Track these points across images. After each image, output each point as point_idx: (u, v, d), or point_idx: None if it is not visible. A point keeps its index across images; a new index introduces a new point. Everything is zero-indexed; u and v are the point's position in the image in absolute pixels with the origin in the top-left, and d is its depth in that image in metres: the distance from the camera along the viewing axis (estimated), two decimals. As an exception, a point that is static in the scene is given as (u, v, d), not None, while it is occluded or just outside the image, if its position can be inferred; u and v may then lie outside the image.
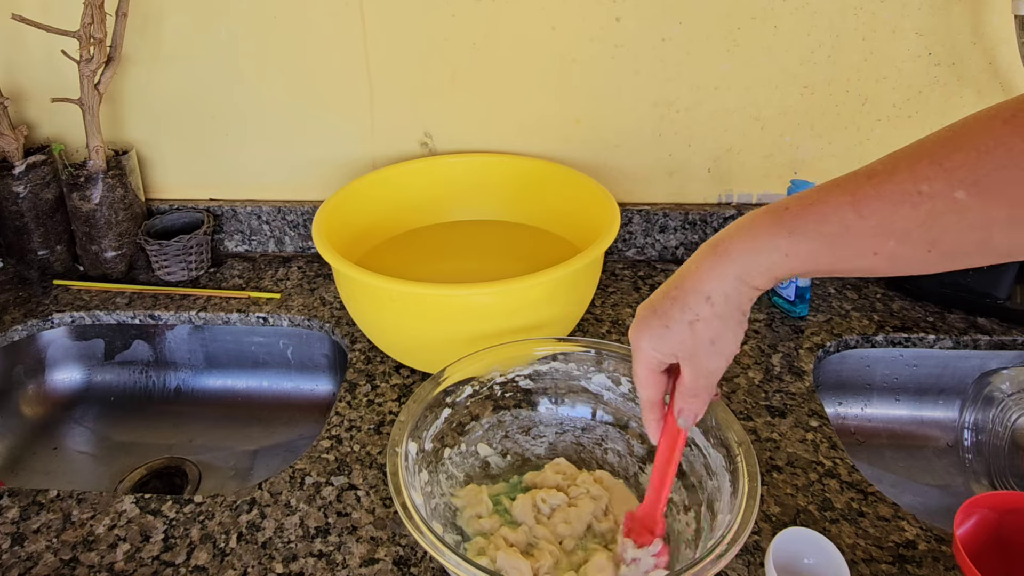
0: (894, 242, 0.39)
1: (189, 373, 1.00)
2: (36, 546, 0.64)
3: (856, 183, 0.40)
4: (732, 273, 0.45)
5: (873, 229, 0.39)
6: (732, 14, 0.90)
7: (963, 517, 0.57)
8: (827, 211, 0.41)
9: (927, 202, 0.38)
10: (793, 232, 0.42)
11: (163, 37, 0.97)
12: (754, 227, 0.44)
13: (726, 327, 0.46)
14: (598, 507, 0.63)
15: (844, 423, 0.91)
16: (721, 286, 0.45)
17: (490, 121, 1.00)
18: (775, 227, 0.43)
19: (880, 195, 0.39)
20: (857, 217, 0.40)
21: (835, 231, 0.41)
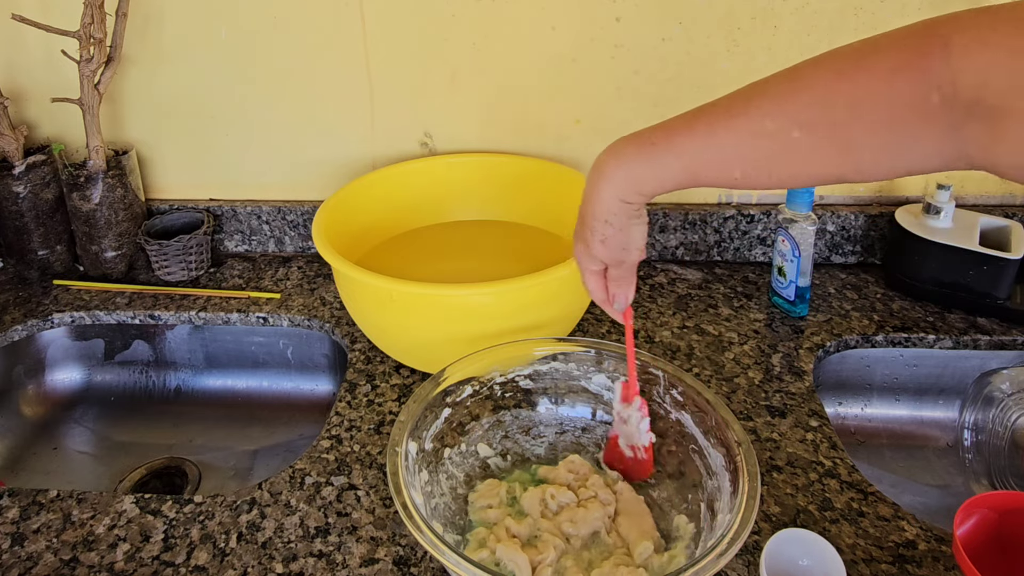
0: (739, 173, 0.47)
1: (189, 373, 1.00)
2: (36, 546, 0.64)
3: (716, 116, 0.47)
4: (612, 194, 0.53)
5: (726, 159, 0.47)
6: (732, 14, 0.90)
7: (963, 517, 0.57)
8: (687, 144, 0.49)
9: (769, 138, 0.45)
10: (657, 159, 0.50)
11: (163, 37, 0.97)
12: (626, 155, 0.52)
13: (629, 232, 0.56)
14: (606, 513, 0.62)
15: (844, 423, 0.91)
16: (610, 207, 0.54)
17: (490, 121, 1.00)
18: (643, 157, 0.51)
19: (731, 128, 0.46)
20: (709, 147, 0.48)
21: (691, 159, 0.49)
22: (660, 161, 0.50)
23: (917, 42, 0.41)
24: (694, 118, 0.49)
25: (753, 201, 1.02)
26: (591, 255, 0.58)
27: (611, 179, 0.53)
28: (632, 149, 0.52)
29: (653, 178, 0.51)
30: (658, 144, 0.50)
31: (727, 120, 0.47)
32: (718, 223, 1.01)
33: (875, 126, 0.41)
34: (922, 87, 0.40)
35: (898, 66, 0.41)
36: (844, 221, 0.99)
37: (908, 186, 0.99)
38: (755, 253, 1.03)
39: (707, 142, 0.48)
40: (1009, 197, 0.99)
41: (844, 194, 1.00)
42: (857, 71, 0.42)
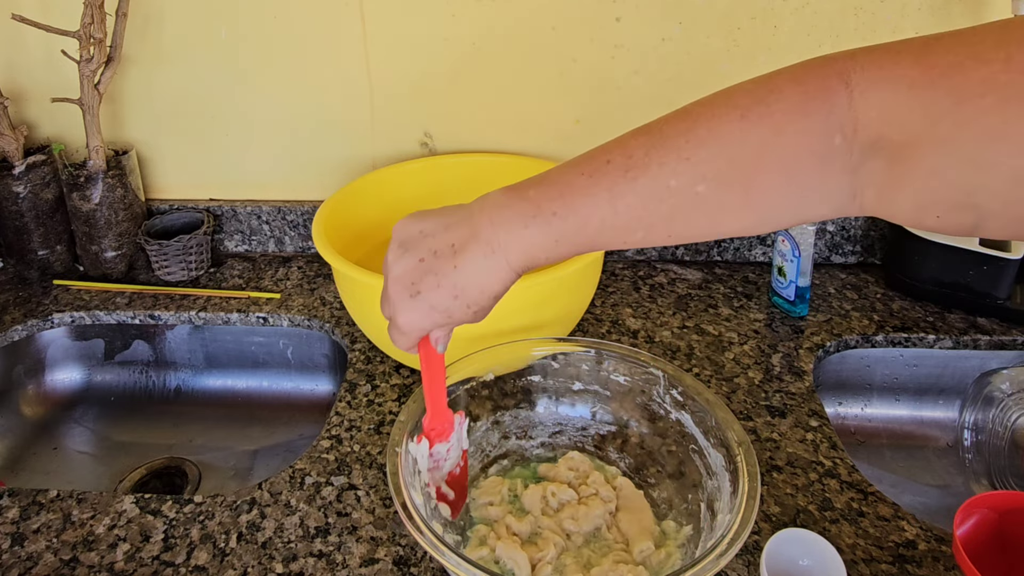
0: (642, 234, 0.43)
1: (189, 373, 1.00)
2: (36, 546, 0.64)
3: (614, 178, 0.43)
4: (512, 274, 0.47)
5: (626, 224, 0.43)
6: (732, 14, 0.90)
7: (963, 517, 0.57)
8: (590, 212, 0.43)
9: (673, 197, 0.41)
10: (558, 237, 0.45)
11: (163, 37, 0.97)
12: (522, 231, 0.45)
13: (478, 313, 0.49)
14: (607, 509, 0.63)
15: (844, 423, 0.91)
16: (505, 285, 0.48)
17: (490, 121, 1.00)
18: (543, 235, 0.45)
19: (635, 191, 0.42)
20: (613, 215, 0.43)
21: (594, 231, 0.44)
22: (562, 234, 0.45)
23: (818, 81, 0.38)
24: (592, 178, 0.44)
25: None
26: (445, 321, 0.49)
27: (510, 258, 0.46)
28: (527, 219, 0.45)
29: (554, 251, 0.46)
30: (559, 215, 0.44)
31: (628, 181, 0.42)
32: (718, 223, 1.01)
33: (779, 173, 0.39)
34: (825, 127, 0.38)
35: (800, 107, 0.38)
36: (844, 221, 0.99)
37: (908, 186, 0.99)
38: (755, 253, 1.03)
39: (612, 208, 0.43)
40: (1009, 197, 0.99)
41: (844, 194, 1.00)
42: (759, 114, 0.39)
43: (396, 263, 0.49)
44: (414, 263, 0.48)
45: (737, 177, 0.40)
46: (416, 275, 0.48)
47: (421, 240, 0.49)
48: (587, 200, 0.44)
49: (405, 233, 0.50)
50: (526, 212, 0.45)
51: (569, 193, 0.44)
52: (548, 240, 0.45)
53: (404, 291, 0.48)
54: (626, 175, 0.42)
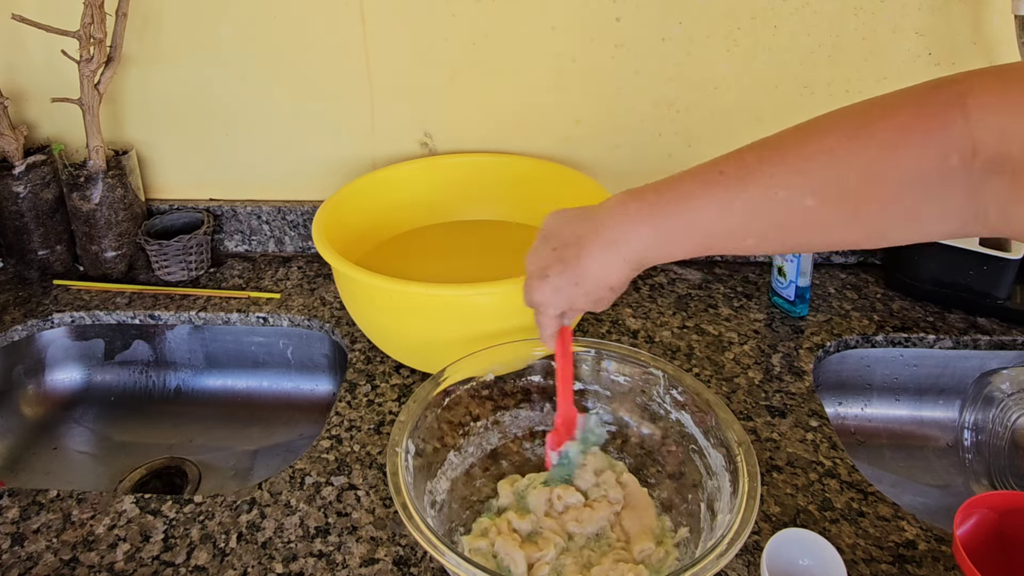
0: (753, 241, 0.46)
1: (189, 373, 1.00)
2: (36, 546, 0.64)
3: (726, 185, 0.46)
4: (627, 267, 0.52)
5: (738, 229, 0.46)
6: (732, 14, 0.90)
7: (963, 517, 0.57)
8: (701, 215, 0.47)
9: (782, 208, 0.44)
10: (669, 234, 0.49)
11: (163, 37, 0.97)
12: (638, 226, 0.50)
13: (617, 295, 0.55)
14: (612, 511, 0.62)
15: (844, 423, 0.91)
16: (620, 277, 0.53)
17: (490, 121, 1.00)
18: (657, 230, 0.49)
19: (744, 199, 0.45)
20: (722, 220, 0.46)
21: (704, 233, 0.47)
22: (674, 234, 0.49)
23: (932, 101, 0.40)
24: (705, 185, 0.47)
25: (753, 201, 1.02)
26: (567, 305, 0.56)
27: (625, 251, 0.51)
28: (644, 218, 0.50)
29: (664, 250, 0.50)
30: (671, 215, 0.48)
31: (740, 190, 0.45)
32: (718, 223, 1.01)
33: (890, 191, 0.41)
34: (941, 148, 0.39)
35: (914, 127, 0.40)
36: (844, 221, 0.99)
37: (908, 186, 0.99)
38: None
39: (721, 213, 0.46)
40: (1009, 197, 0.99)
41: (844, 194, 1.00)
42: (871, 133, 0.41)
43: (536, 251, 0.57)
44: (548, 251, 0.55)
45: (847, 193, 0.42)
46: (548, 261, 0.55)
47: (557, 232, 0.56)
48: (698, 203, 0.47)
49: (547, 226, 0.57)
50: (642, 211, 0.50)
51: (683, 197, 0.48)
52: (660, 239, 0.49)
53: (537, 273, 0.56)
54: (737, 183, 0.45)
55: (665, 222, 0.49)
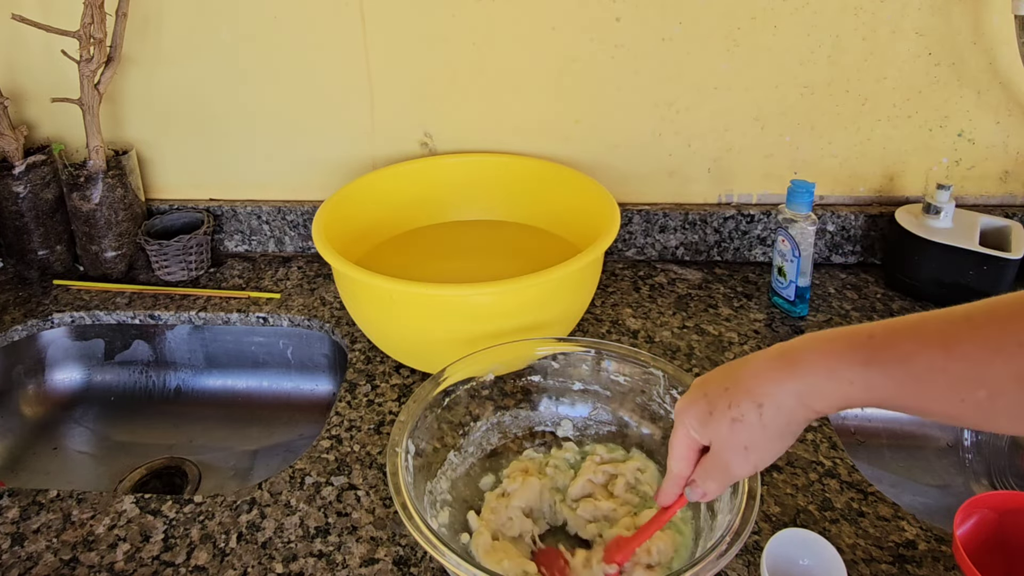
0: (985, 393, 0.36)
1: (189, 373, 1.00)
2: (36, 546, 0.64)
3: (951, 322, 0.38)
4: (794, 389, 0.42)
5: (963, 375, 0.37)
6: (732, 14, 0.90)
7: (963, 517, 0.57)
8: (913, 349, 0.38)
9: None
10: (871, 364, 0.39)
11: (163, 37, 0.97)
12: (831, 348, 0.41)
13: (767, 439, 0.44)
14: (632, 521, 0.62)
15: (844, 423, 0.91)
16: (777, 398, 0.43)
17: (490, 121, 1.00)
18: (853, 353, 0.40)
19: (976, 338, 0.37)
20: (946, 360, 0.37)
21: (919, 371, 0.38)
22: (874, 369, 0.39)
23: None
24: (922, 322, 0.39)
25: (753, 201, 1.02)
26: (706, 424, 0.46)
27: (802, 371, 0.41)
28: (841, 345, 0.41)
29: (859, 387, 0.40)
30: (878, 344, 0.39)
31: (968, 328, 0.37)
32: (718, 223, 1.01)
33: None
34: None
35: None
36: (844, 221, 0.99)
37: (908, 186, 0.99)
38: (755, 253, 1.03)
39: (944, 352, 0.37)
40: (1009, 197, 0.99)
41: (844, 194, 1.00)
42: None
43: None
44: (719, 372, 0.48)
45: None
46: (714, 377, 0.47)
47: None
48: (913, 334, 0.39)
49: None
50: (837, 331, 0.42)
51: (893, 326, 0.40)
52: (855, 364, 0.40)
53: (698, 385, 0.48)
54: (968, 322, 0.38)
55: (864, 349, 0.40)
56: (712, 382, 0.46)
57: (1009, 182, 0.98)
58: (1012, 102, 0.92)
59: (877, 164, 0.98)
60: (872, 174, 0.99)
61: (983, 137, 0.95)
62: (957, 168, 0.97)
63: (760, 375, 0.43)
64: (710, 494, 0.49)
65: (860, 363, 0.39)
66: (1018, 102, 0.92)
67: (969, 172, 0.98)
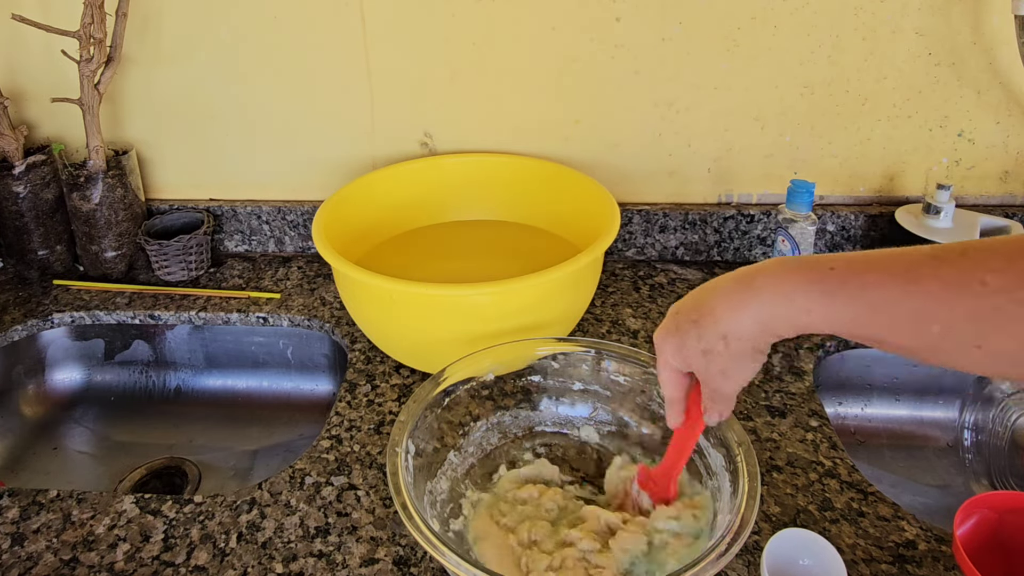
0: (939, 328, 0.37)
1: (189, 373, 1.00)
2: (36, 546, 0.64)
3: (916, 259, 0.38)
4: (755, 318, 0.43)
5: (919, 310, 0.37)
6: (732, 14, 0.90)
7: (963, 517, 0.57)
8: (873, 280, 0.39)
9: (987, 295, 0.35)
10: (829, 293, 0.40)
11: (163, 37, 0.97)
12: (791, 275, 0.42)
13: (738, 363, 0.46)
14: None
15: (844, 423, 0.91)
16: (740, 327, 0.44)
17: (490, 121, 1.00)
18: (813, 283, 0.41)
19: (938, 276, 0.37)
20: (905, 293, 0.38)
21: (877, 302, 0.39)
22: (834, 298, 0.40)
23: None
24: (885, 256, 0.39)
25: (753, 201, 1.02)
26: (681, 354, 0.48)
27: (762, 299, 0.43)
28: (802, 274, 0.41)
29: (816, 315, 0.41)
30: (840, 276, 0.40)
31: (932, 265, 0.37)
32: (718, 223, 1.01)
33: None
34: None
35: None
36: (844, 221, 0.99)
37: (908, 186, 0.99)
38: (755, 253, 1.03)
39: (903, 286, 0.38)
40: (1009, 197, 0.99)
41: (844, 194, 1.00)
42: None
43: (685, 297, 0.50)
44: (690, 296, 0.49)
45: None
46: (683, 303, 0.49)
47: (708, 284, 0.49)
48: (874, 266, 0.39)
49: None
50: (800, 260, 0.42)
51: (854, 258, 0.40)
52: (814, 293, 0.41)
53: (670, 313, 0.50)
54: (931, 259, 0.38)
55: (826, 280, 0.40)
56: (683, 312, 0.48)
57: (1009, 182, 0.98)
58: (1012, 102, 0.92)
59: (877, 164, 0.98)
60: (872, 174, 0.99)
61: (983, 137, 0.95)
62: (957, 168, 0.97)
63: (723, 306, 0.45)
64: (724, 414, 0.51)
65: (819, 292, 0.41)
66: (1018, 102, 0.92)
67: (969, 172, 0.98)
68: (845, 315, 0.40)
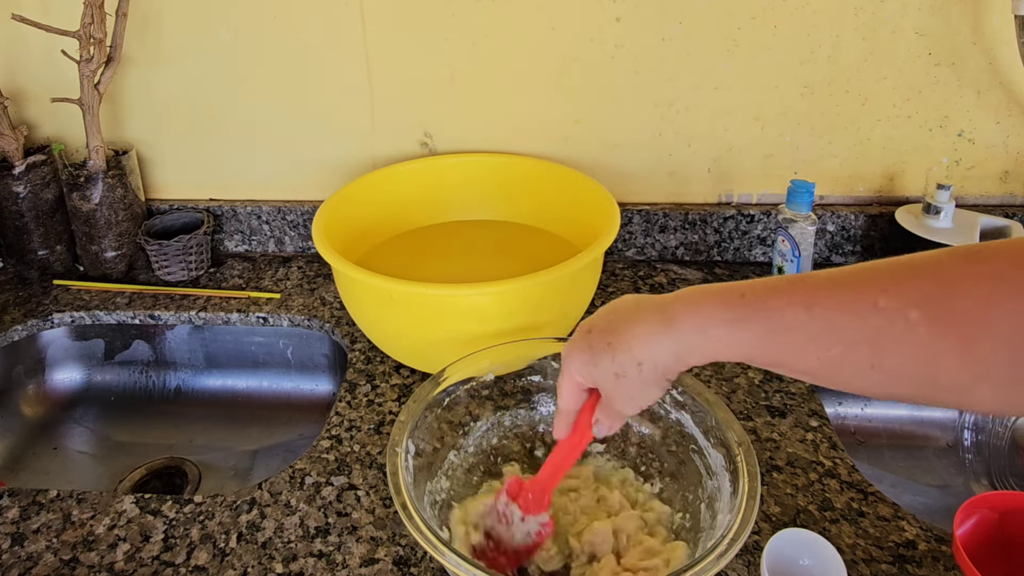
0: (839, 351, 0.39)
1: (189, 373, 1.00)
2: (36, 546, 0.64)
3: (815, 284, 0.40)
4: (671, 349, 0.45)
5: (820, 333, 0.39)
6: (732, 14, 0.90)
7: (963, 517, 0.57)
8: (778, 307, 0.41)
9: (880, 316, 0.37)
10: (738, 323, 0.42)
11: (163, 37, 0.97)
12: (705, 304, 0.44)
13: (646, 389, 0.48)
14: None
15: (844, 423, 0.91)
16: (654, 357, 0.45)
17: (490, 121, 1.00)
18: (724, 312, 0.43)
19: (835, 299, 0.39)
20: (808, 318, 0.39)
21: (781, 329, 0.40)
22: (743, 326, 0.42)
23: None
24: (790, 283, 0.41)
25: (753, 201, 1.02)
26: (592, 374, 0.49)
27: (678, 331, 0.44)
28: (714, 304, 0.43)
29: (727, 344, 0.42)
30: (748, 303, 0.42)
31: (830, 289, 0.39)
32: (718, 223, 1.01)
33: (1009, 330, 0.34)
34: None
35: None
36: (844, 221, 0.99)
37: (908, 186, 0.99)
38: (755, 253, 1.03)
39: (806, 310, 0.39)
40: (1009, 197, 0.99)
41: (844, 194, 1.00)
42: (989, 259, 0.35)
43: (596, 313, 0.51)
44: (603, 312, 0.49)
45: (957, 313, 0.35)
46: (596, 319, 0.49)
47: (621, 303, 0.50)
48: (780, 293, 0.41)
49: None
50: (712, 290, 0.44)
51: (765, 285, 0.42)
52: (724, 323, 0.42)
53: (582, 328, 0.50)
54: (829, 282, 0.40)
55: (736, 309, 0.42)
56: (596, 331, 0.49)
57: (1009, 182, 0.98)
58: (1012, 102, 0.92)
59: (877, 164, 0.98)
60: (872, 174, 0.99)
61: (983, 137, 0.95)
62: (957, 168, 0.97)
63: (640, 334, 0.46)
64: (614, 429, 0.53)
65: (728, 322, 0.42)
66: (1018, 102, 0.92)
67: (969, 172, 0.98)
68: (751, 341, 0.42)
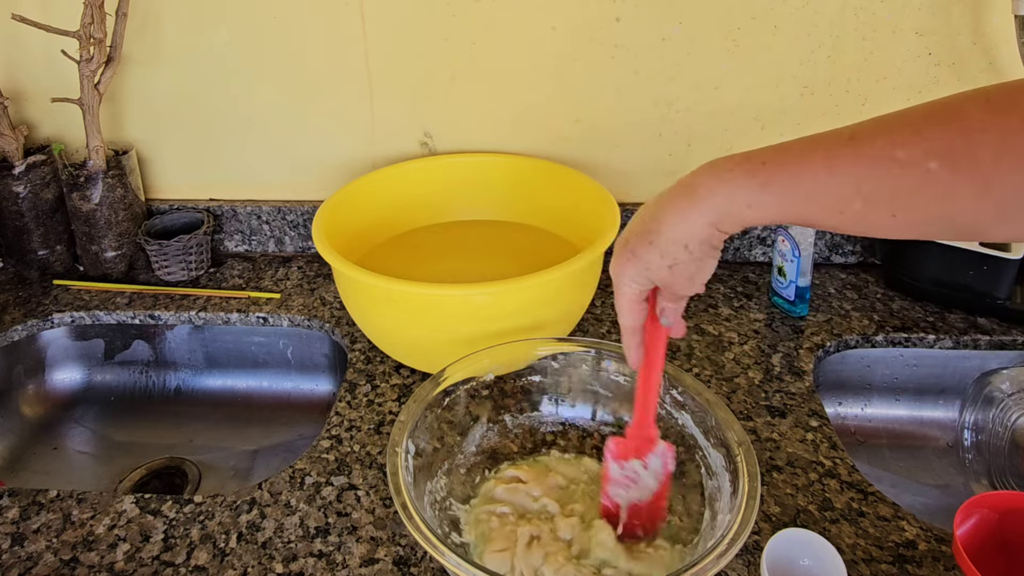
0: (860, 203, 0.41)
1: (189, 373, 1.00)
2: (36, 546, 0.64)
3: (836, 142, 0.42)
4: (704, 220, 0.46)
5: (843, 189, 0.41)
6: (732, 14, 0.90)
7: (963, 517, 0.57)
8: (801, 170, 0.42)
9: (899, 168, 0.39)
10: (766, 186, 0.43)
11: (163, 37, 0.97)
12: (729, 175, 0.45)
13: (702, 264, 0.49)
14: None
15: (844, 423, 0.91)
16: (695, 233, 0.47)
17: (490, 121, 1.00)
18: (749, 179, 0.44)
19: (857, 156, 0.40)
20: (829, 176, 0.41)
21: (806, 190, 0.42)
22: (769, 190, 0.43)
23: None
24: (811, 145, 0.43)
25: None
26: (647, 277, 0.50)
27: (707, 202, 0.46)
28: (738, 172, 0.44)
29: (756, 208, 0.44)
30: (771, 169, 0.43)
31: (851, 147, 0.41)
32: (718, 223, 1.01)
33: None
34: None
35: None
36: (844, 221, 0.99)
37: (908, 186, 0.99)
38: (755, 253, 1.03)
39: (828, 172, 0.41)
40: (1009, 197, 0.99)
41: (844, 194, 1.00)
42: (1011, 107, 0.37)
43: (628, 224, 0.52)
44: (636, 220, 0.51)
45: (977, 161, 0.37)
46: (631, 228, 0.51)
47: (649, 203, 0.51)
48: (802, 156, 0.43)
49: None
50: (733, 160, 0.45)
51: (784, 150, 0.44)
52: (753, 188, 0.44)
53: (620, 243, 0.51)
54: (849, 141, 0.41)
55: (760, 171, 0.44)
56: (634, 237, 0.50)
57: (1009, 182, 0.98)
58: (1012, 102, 0.92)
59: (877, 164, 0.98)
60: (872, 174, 0.99)
61: (983, 137, 0.95)
62: (957, 168, 0.97)
63: (674, 221, 0.47)
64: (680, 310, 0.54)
65: (755, 189, 0.44)
66: (1018, 102, 0.92)
67: (969, 172, 0.97)
68: (777, 206, 0.44)
